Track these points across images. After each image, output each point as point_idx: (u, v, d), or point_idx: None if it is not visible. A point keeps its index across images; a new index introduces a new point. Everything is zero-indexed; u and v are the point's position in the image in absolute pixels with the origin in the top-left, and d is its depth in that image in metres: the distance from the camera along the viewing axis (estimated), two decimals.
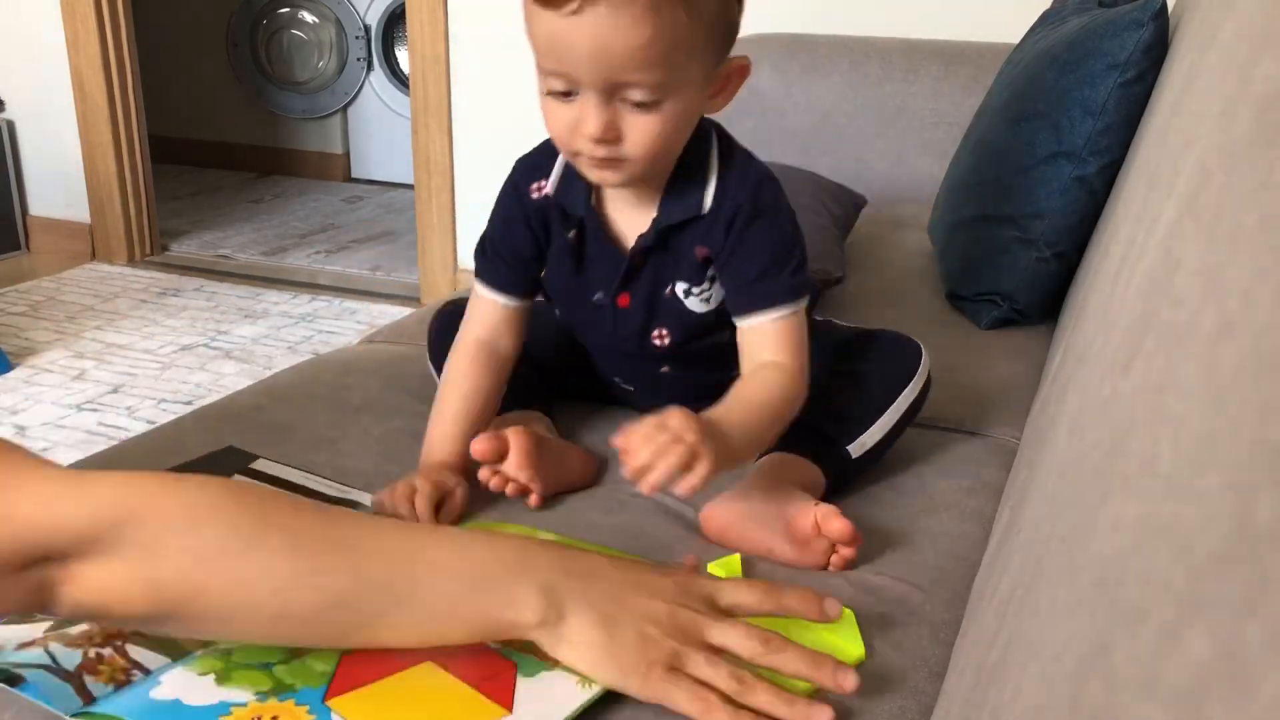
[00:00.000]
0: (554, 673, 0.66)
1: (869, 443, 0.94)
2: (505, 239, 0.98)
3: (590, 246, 0.96)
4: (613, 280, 0.96)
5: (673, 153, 0.89)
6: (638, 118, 0.83)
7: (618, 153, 0.84)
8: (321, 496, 0.90)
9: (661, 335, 0.98)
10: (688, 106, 0.85)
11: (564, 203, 0.95)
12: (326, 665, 0.65)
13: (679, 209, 0.92)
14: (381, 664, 0.65)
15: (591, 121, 0.82)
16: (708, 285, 0.95)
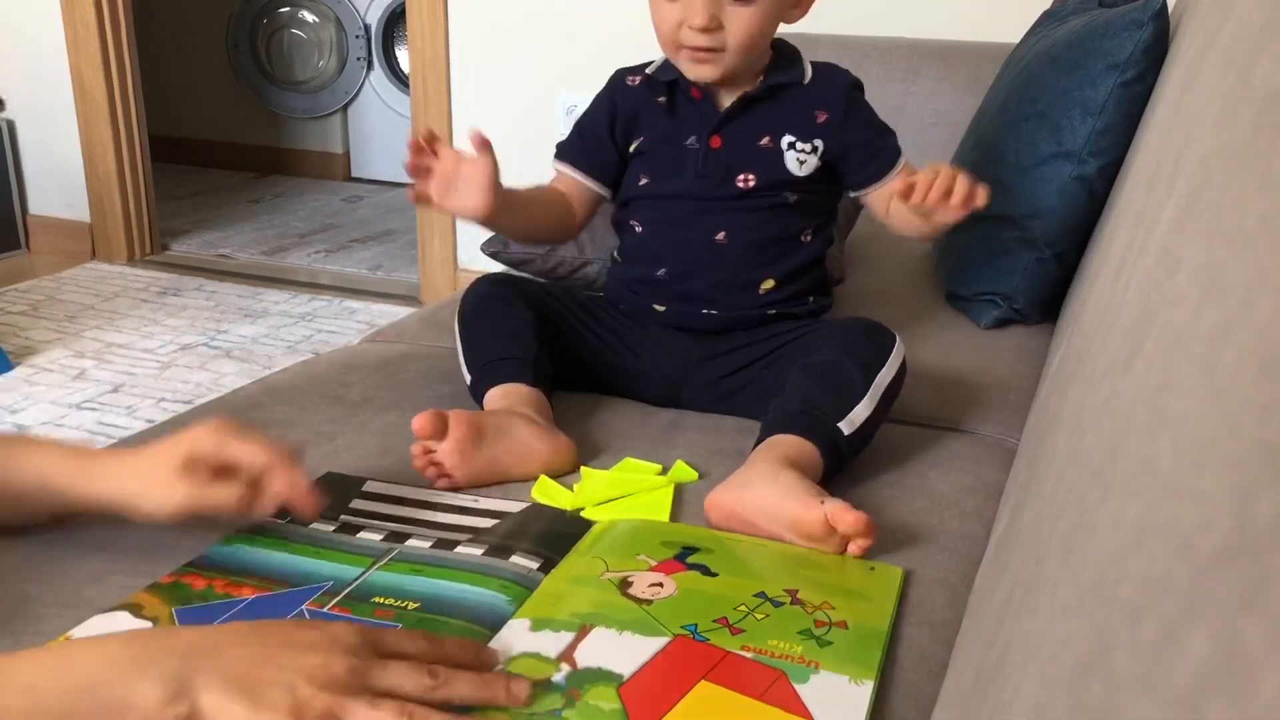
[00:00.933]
0: (820, 675, 0.68)
1: (858, 420, 0.95)
2: (590, 124, 1.14)
3: (682, 103, 1.10)
4: (708, 124, 1.08)
5: (760, 48, 1.05)
6: (737, 10, 1.00)
7: (719, 41, 1.00)
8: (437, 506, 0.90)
9: (747, 179, 1.08)
10: (777, 6, 1.02)
11: (659, 76, 1.10)
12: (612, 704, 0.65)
13: (782, 75, 1.08)
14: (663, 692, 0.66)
15: (699, 14, 0.99)
16: (811, 151, 1.08)
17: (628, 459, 0.99)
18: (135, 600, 0.76)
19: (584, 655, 0.69)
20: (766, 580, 0.79)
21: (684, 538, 0.85)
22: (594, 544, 0.84)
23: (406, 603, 0.76)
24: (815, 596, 0.77)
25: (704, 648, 0.70)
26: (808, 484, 0.86)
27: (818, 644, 0.71)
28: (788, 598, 0.76)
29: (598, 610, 0.74)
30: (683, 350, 1.11)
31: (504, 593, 0.77)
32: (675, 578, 0.78)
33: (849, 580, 0.80)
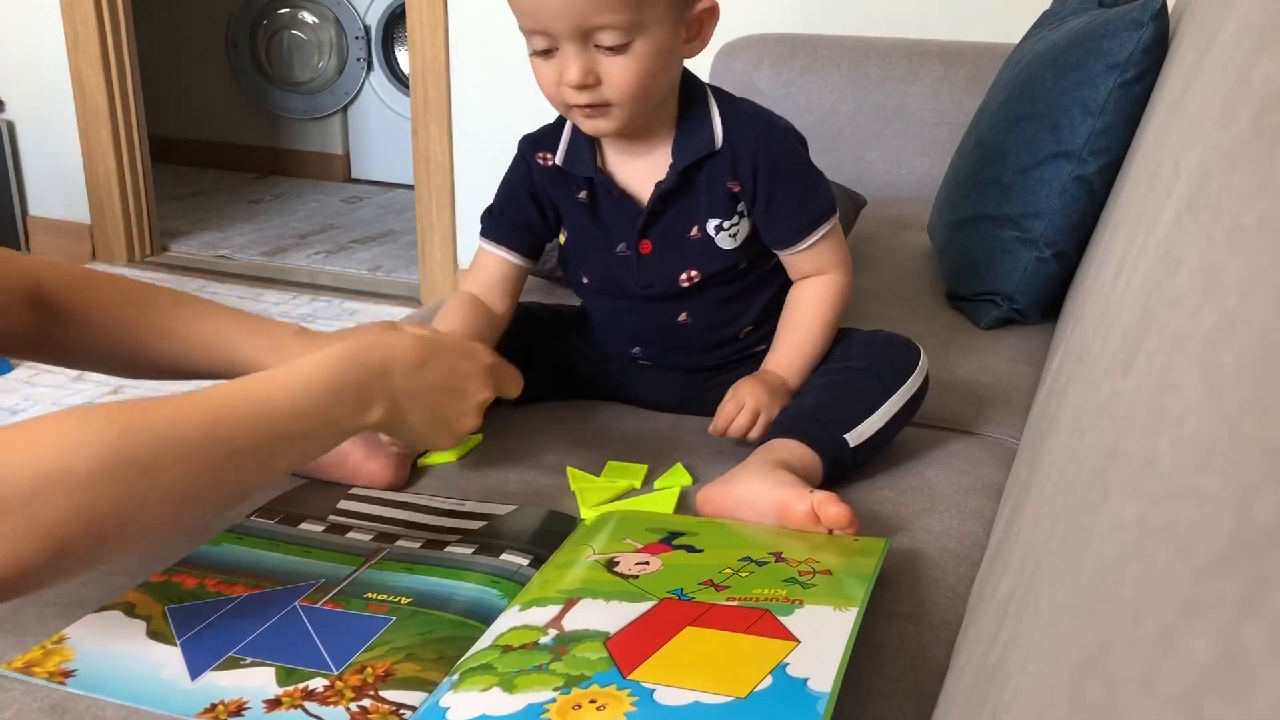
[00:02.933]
0: (805, 609, 0.69)
1: (866, 433, 0.95)
2: (512, 202, 1.06)
3: (603, 203, 1.02)
4: (632, 230, 1.01)
5: (655, 93, 0.93)
6: (613, 60, 0.89)
7: (601, 97, 0.90)
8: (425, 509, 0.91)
9: (690, 276, 1.02)
10: (661, 46, 0.90)
11: (571, 168, 1.01)
12: (599, 654, 0.65)
13: (692, 148, 0.98)
14: (648, 640, 0.66)
15: (571, 69, 0.89)
16: (737, 220, 1.00)
17: (611, 462, 0.99)
18: (128, 599, 0.76)
19: (571, 621, 0.70)
20: (751, 548, 0.79)
21: (671, 524, 0.85)
22: (583, 536, 0.84)
23: (399, 597, 0.76)
24: (799, 556, 0.77)
25: (689, 604, 0.71)
26: (798, 480, 0.86)
27: (802, 587, 0.72)
28: (771, 558, 0.77)
29: (584, 585, 0.75)
30: (672, 388, 1.10)
31: (495, 587, 0.78)
32: (661, 557, 0.79)
33: (833, 546, 0.80)
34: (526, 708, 0.61)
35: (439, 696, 0.65)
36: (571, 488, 0.95)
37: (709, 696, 0.60)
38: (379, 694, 0.67)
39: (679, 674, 0.63)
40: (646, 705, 0.60)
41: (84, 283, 0.90)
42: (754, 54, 2.07)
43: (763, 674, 0.61)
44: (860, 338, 1.04)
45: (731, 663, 0.63)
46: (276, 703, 0.66)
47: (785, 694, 0.60)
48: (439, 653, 0.70)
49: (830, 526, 0.82)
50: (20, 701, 0.67)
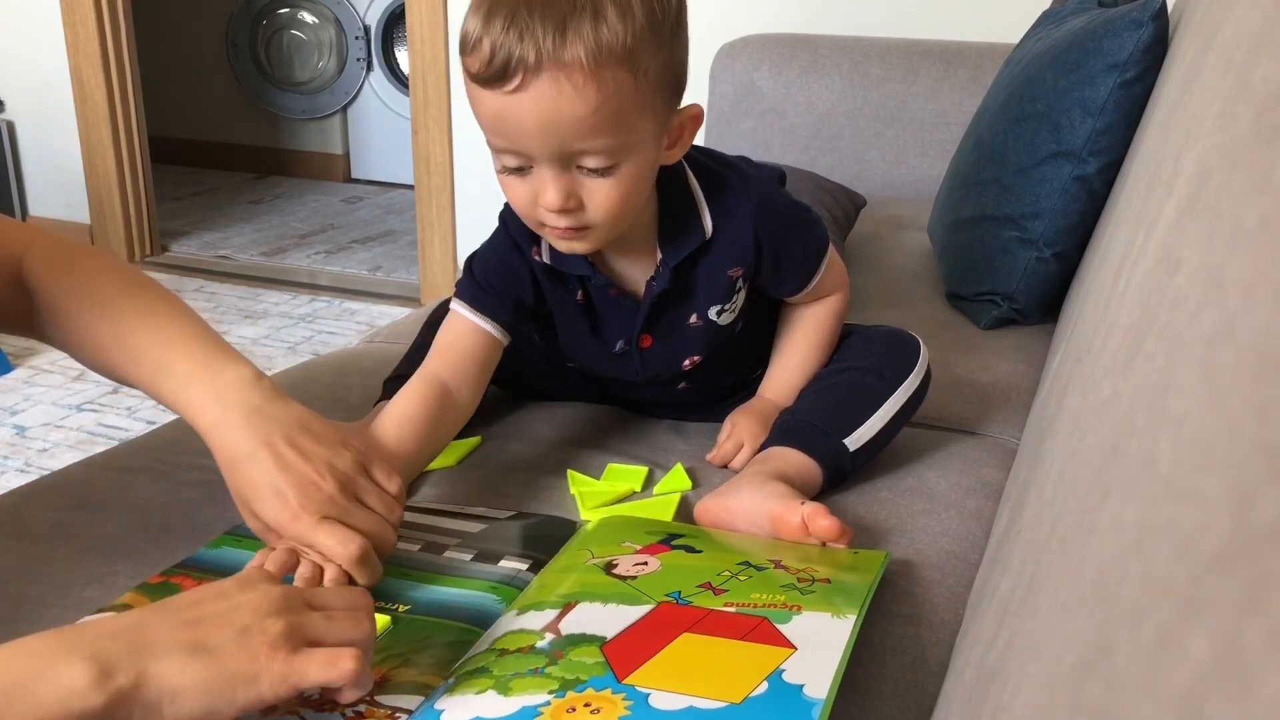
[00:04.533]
0: (802, 615, 0.68)
1: (866, 436, 0.94)
2: (503, 276, 0.95)
3: (599, 301, 0.96)
4: (632, 328, 0.96)
5: (637, 209, 0.87)
6: (597, 183, 0.82)
7: (582, 220, 0.84)
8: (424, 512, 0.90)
9: (694, 360, 1.00)
10: (645, 164, 0.84)
11: (562, 268, 0.93)
12: (595, 658, 0.65)
13: (682, 243, 0.92)
14: (645, 645, 0.66)
15: (550, 193, 0.81)
16: (736, 296, 0.97)
17: (611, 465, 0.99)
18: (125, 601, 0.76)
19: (568, 625, 0.70)
20: (750, 553, 0.79)
21: (670, 528, 0.85)
22: (582, 541, 0.84)
23: (397, 605, 0.76)
24: (798, 563, 0.77)
25: (687, 609, 0.71)
26: (792, 492, 0.86)
27: (800, 593, 0.72)
28: (771, 565, 0.77)
29: (582, 589, 0.75)
30: (677, 406, 1.10)
31: (494, 593, 0.78)
32: (660, 557, 0.79)
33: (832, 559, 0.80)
34: (520, 710, 0.61)
35: (434, 699, 0.64)
36: (571, 491, 0.95)
37: (704, 701, 0.60)
38: (375, 698, 0.67)
39: (674, 679, 0.63)
40: (641, 709, 0.60)
41: (69, 268, 0.82)
42: (754, 54, 2.07)
43: (758, 680, 0.61)
44: (859, 335, 1.04)
45: (727, 668, 0.63)
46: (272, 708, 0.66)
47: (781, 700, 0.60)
48: (436, 658, 0.70)
49: (820, 539, 0.81)
50: None
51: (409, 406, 0.90)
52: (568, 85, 0.76)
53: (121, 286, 0.82)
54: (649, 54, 0.79)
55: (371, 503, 0.76)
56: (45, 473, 0.99)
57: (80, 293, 0.81)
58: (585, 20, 0.76)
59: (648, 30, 0.78)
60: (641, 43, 0.78)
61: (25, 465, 2.01)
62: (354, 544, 0.73)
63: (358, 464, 0.77)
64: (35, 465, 2.01)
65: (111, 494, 0.91)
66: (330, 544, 0.73)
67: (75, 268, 0.83)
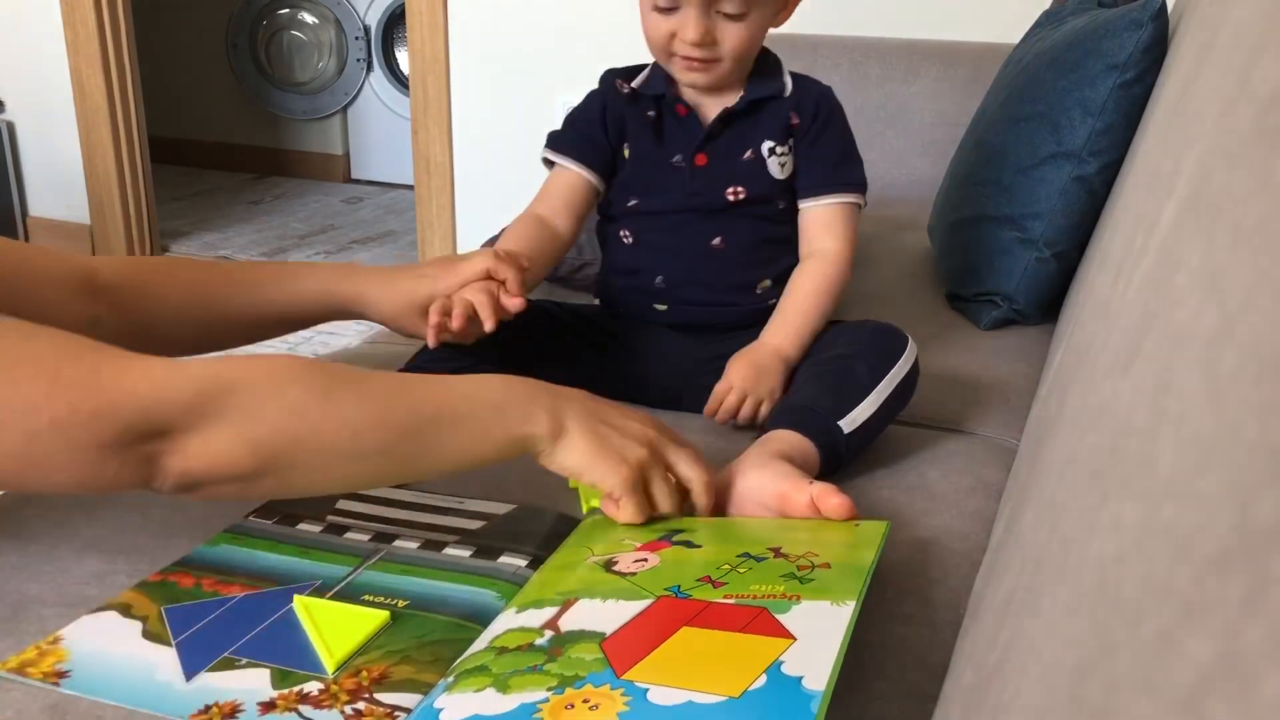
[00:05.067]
0: (802, 605, 0.68)
1: (859, 419, 0.95)
2: (584, 121, 1.14)
3: (669, 122, 1.11)
4: (692, 142, 1.10)
5: (753, 56, 1.08)
6: (730, 25, 1.03)
7: (714, 53, 1.04)
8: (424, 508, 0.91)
9: (737, 192, 1.09)
10: (767, 17, 1.05)
11: (646, 90, 1.11)
12: (594, 654, 0.65)
13: (763, 88, 1.10)
14: (644, 640, 0.66)
15: (692, 29, 1.02)
16: (788, 151, 1.10)
17: None
18: (124, 599, 0.76)
19: (567, 622, 0.70)
20: (750, 544, 0.79)
21: (670, 523, 0.85)
22: (581, 537, 0.84)
23: (396, 600, 0.76)
24: (798, 550, 0.77)
25: (686, 602, 0.71)
26: (797, 471, 0.87)
27: (800, 582, 0.72)
28: (770, 554, 0.77)
29: (581, 586, 0.75)
30: (683, 354, 1.11)
31: (493, 589, 0.78)
32: (659, 553, 0.79)
33: (832, 535, 0.80)
34: (519, 707, 0.61)
35: (433, 698, 0.64)
36: (570, 485, 0.95)
37: (702, 696, 0.60)
38: (374, 696, 0.67)
39: (673, 673, 0.63)
40: (640, 705, 0.60)
41: (143, 265, 0.97)
42: None
43: (757, 672, 0.61)
44: (848, 328, 1.07)
45: (726, 662, 0.63)
46: (271, 705, 0.66)
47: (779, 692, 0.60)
48: (435, 655, 0.70)
49: (831, 517, 0.82)
50: (20, 702, 0.67)
51: (515, 231, 1.11)
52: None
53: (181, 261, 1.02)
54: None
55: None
56: None
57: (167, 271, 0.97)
58: None
59: None
60: None
61: None
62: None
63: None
64: None
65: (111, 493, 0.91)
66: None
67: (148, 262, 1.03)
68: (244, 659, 0.70)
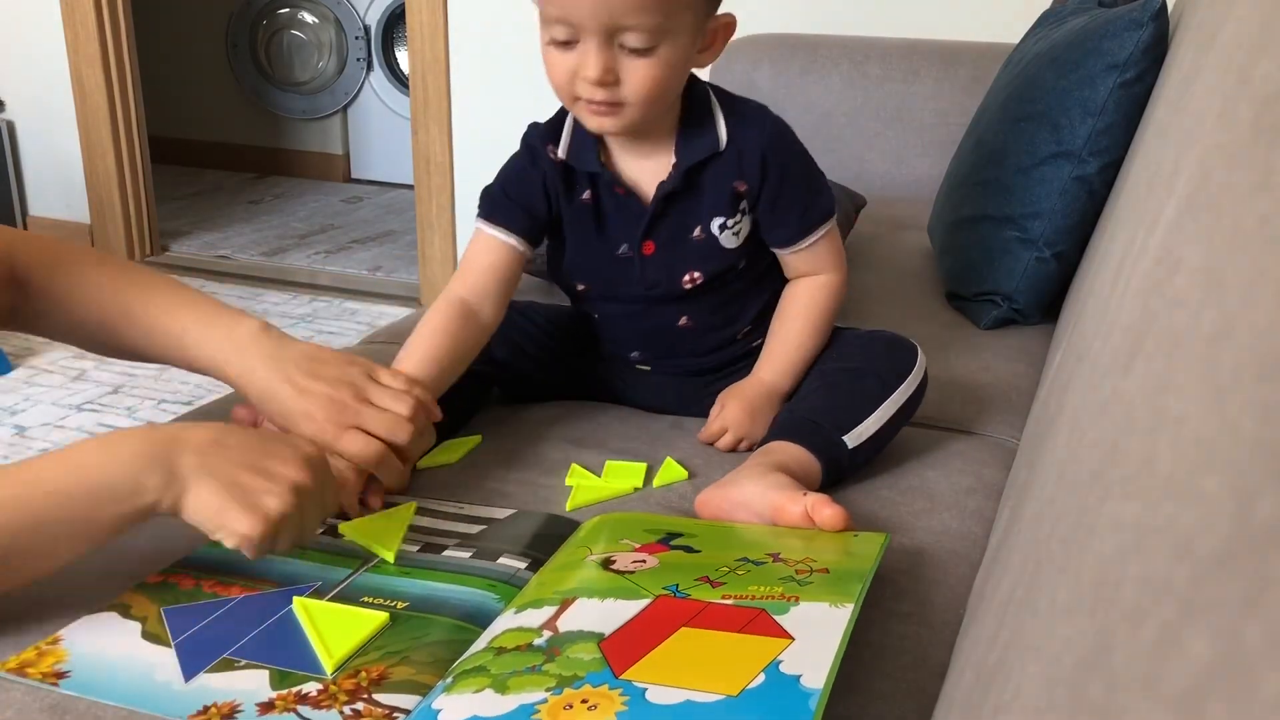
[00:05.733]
0: (800, 606, 0.68)
1: (865, 434, 0.95)
2: (519, 185, 1.02)
3: (607, 202, 1.00)
4: (636, 230, 1.00)
5: (666, 99, 0.94)
6: (635, 62, 0.88)
7: (616, 96, 0.90)
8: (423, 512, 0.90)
9: (694, 278, 1.01)
10: (680, 54, 0.90)
11: (575, 163, 0.99)
12: (592, 655, 0.65)
13: (697, 148, 0.98)
14: (642, 640, 0.66)
15: (591, 65, 0.88)
16: (740, 217, 1.00)
17: (610, 462, 0.99)
18: (123, 600, 0.76)
19: (566, 623, 0.70)
20: (749, 550, 0.79)
21: (669, 526, 0.85)
22: (581, 539, 0.84)
23: (396, 601, 0.76)
24: (796, 555, 0.77)
25: (685, 602, 0.71)
26: (794, 483, 0.86)
27: (798, 585, 0.72)
28: (769, 559, 0.77)
29: (580, 586, 0.75)
30: (673, 392, 1.10)
31: (492, 591, 0.78)
32: (658, 556, 0.79)
33: (831, 543, 0.80)
34: (518, 708, 0.61)
35: (432, 699, 0.64)
36: (568, 481, 0.96)
37: (701, 695, 0.60)
38: (373, 697, 0.67)
39: (671, 673, 0.63)
40: (638, 704, 0.60)
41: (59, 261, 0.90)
42: (754, 54, 2.07)
43: (755, 671, 0.61)
44: (858, 338, 1.05)
45: (725, 661, 0.63)
46: (270, 706, 0.66)
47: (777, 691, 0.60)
48: (434, 656, 0.70)
49: (825, 528, 0.82)
50: (21, 701, 0.67)
51: (430, 325, 0.99)
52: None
53: (117, 270, 0.92)
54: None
55: (383, 401, 0.88)
56: None
57: (78, 279, 0.90)
58: None
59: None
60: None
61: None
62: (371, 449, 0.87)
63: (365, 374, 0.89)
64: None
65: None
66: (353, 450, 0.86)
67: (67, 258, 0.91)
68: (243, 660, 0.70)
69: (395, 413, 0.88)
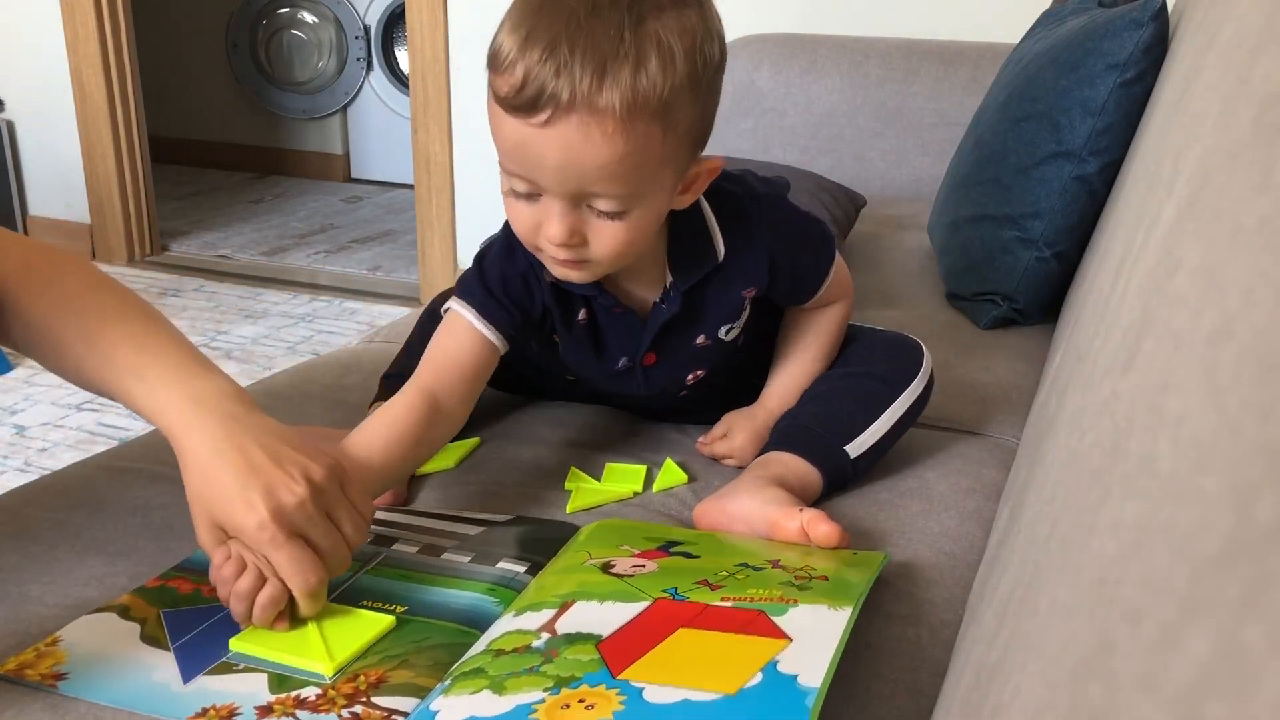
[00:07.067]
0: (799, 608, 0.68)
1: (867, 443, 0.94)
2: (518, 290, 0.92)
3: (604, 319, 0.94)
4: (637, 347, 0.95)
5: (640, 251, 0.86)
6: (604, 224, 0.80)
7: (583, 255, 0.82)
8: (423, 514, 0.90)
9: (697, 375, 0.99)
10: (656, 210, 0.83)
11: (567, 288, 0.91)
12: (590, 655, 0.65)
13: (694, 267, 0.91)
14: (640, 641, 0.66)
15: (555, 227, 0.80)
16: (743, 314, 0.96)
17: (610, 464, 0.99)
18: (122, 602, 0.76)
19: (564, 625, 0.70)
20: (748, 557, 0.79)
21: (668, 534, 0.85)
22: (581, 543, 0.84)
23: (394, 606, 0.76)
24: (796, 563, 0.77)
25: (683, 604, 0.71)
26: (791, 498, 0.86)
27: (798, 589, 0.72)
28: (769, 565, 0.77)
29: (579, 589, 0.75)
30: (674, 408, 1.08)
31: (491, 595, 0.78)
32: (658, 561, 0.79)
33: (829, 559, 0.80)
34: (515, 708, 0.61)
35: (430, 701, 0.64)
36: (567, 486, 0.96)
37: (698, 694, 0.60)
38: (371, 700, 0.66)
39: (669, 673, 0.63)
40: (635, 704, 0.60)
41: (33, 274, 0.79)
42: (754, 54, 2.07)
43: (753, 671, 0.61)
44: (863, 341, 1.03)
45: (722, 661, 0.63)
46: (268, 709, 0.66)
47: (774, 690, 0.60)
48: (433, 659, 0.70)
49: (820, 545, 0.81)
50: (21, 702, 0.67)
51: (396, 421, 0.87)
52: (596, 131, 0.74)
53: (92, 288, 0.80)
54: (683, 108, 0.77)
55: (342, 520, 0.73)
56: (45, 473, 0.99)
57: (51, 295, 0.79)
58: (626, 67, 0.73)
59: (686, 84, 0.76)
60: (678, 96, 0.76)
61: (25, 465, 2.01)
62: (314, 576, 0.71)
63: (333, 476, 0.73)
64: (35, 465, 2.01)
65: (111, 494, 0.91)
66: (289, 570, 0.70)
67: (46, 270, 0.80)
68: (241, 663, 0.70)
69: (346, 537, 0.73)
